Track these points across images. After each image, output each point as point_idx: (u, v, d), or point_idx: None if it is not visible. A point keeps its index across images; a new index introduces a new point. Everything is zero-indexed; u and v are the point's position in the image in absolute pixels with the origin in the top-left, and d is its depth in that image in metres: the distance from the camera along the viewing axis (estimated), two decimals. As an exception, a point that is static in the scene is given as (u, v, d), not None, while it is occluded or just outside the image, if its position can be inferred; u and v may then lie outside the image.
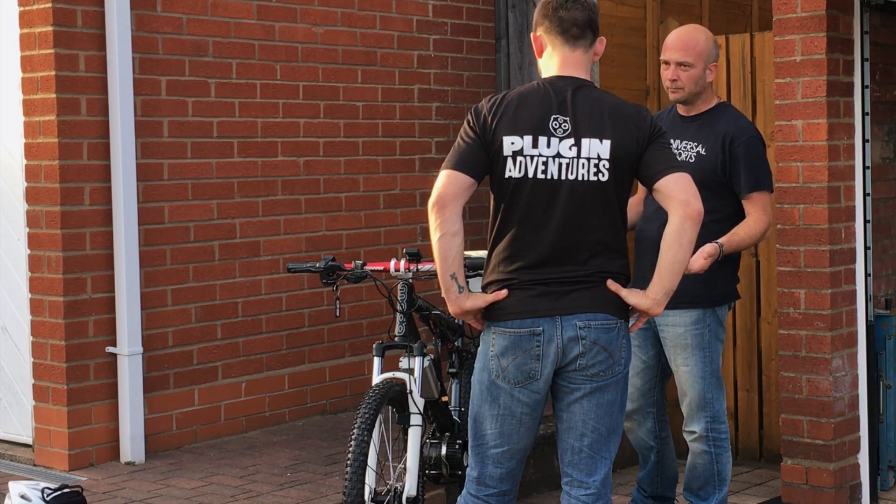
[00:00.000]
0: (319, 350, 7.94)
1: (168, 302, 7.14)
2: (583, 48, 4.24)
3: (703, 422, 5.37)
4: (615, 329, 4.13)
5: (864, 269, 6.11)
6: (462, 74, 8.66)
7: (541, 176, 4.10)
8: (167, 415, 7.13)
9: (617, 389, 4.18)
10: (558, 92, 4.17)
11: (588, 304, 4.10)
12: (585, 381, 4.14)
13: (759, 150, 5.34)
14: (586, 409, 4.16)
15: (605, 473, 4.23)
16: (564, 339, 4.10)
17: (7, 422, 7.14)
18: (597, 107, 4.16)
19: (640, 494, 5.74)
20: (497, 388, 4.17)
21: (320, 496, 6.17)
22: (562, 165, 4.09)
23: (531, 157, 4.10)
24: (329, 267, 5.42)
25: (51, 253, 6.72)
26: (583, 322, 4.09)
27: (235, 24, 7.45)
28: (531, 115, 4.13)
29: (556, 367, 4.14)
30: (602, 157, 4.10)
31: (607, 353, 4.11)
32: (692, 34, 5.42)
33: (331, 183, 7.94)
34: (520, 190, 4.12)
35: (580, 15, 4.21)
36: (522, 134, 4.11)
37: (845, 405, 6.05)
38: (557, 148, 4.10)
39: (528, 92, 4.21)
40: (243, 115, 7.50)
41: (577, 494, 4.21)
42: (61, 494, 5.71)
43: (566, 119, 4.12)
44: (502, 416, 4.19)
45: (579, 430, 4.18)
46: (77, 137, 6.73)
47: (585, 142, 4.10)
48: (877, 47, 6.23)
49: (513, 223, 4.15)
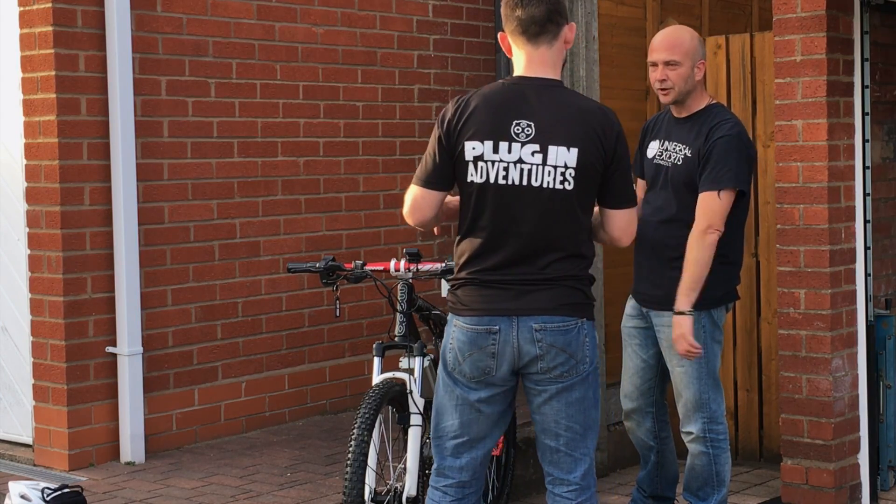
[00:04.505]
0: (319, 350, 7.94)
1: (168, 302, 7.14)
2: (546, 44, 4.15)
3: (699, 423, 5.36)
4: (574, 330, 4.12)
5: (864, 269, 6.11)
6: (462, 74, 8.66)
7: (502, 182, 4.08)
8: (167, 415, 7.13)
9: (584, 387, 4.17)
10: (523, 94, 4.12)
11: (545, 305, 4.10)
12: (551, 383, 4.15)
13: (730, 149, 5.16)
14: (556, 409, 4.17)
15: (586, 469, 4.24)
16: (520, 340, 4.11)
17: (7, 422, 7.14)
18: (564, 111, 4.10)
19: (640, 494, 5.73)
20: (454, 380, 4.21)
21: (320, 496, 6.17)
22: (524, 171, 4.07)
23: (492, 162, 4.08)
24: (329, 267, 5.42)
25: (51, 253, 6.72)
26: (539, 324, 4.09)
27: (235, 24, 7.45)
28: (493, 120, 4.09)
29: (514, 367, 4.15)
30: (569, 165, 4.07)
31: (567, 353, 4.11)
32: (677, 33, 5.41)
33: (331, 183, 7.94)
34: (482, 195, 4.12)
35: (537, 11, 4.11)
36: (483, 139, 4.09)
37: (845, 405, 6.05)
38: (519, 153, 4.08)
39: (492, 94, 4.15)
40: (243, 115, 7.50)
41: (560, 492, 4.25)
42: (61, 494, 5.72)
43: (530, 124, 4.08)
44: (461, 406, 4.22)
45: (553, 430, 4.20)
46: (77, 137, 6.73)
47: (552, 149, 4.07)
48: (877, 47, 6.23)
49: (475, 226, 4.15)
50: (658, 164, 5.42)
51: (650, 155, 5.48)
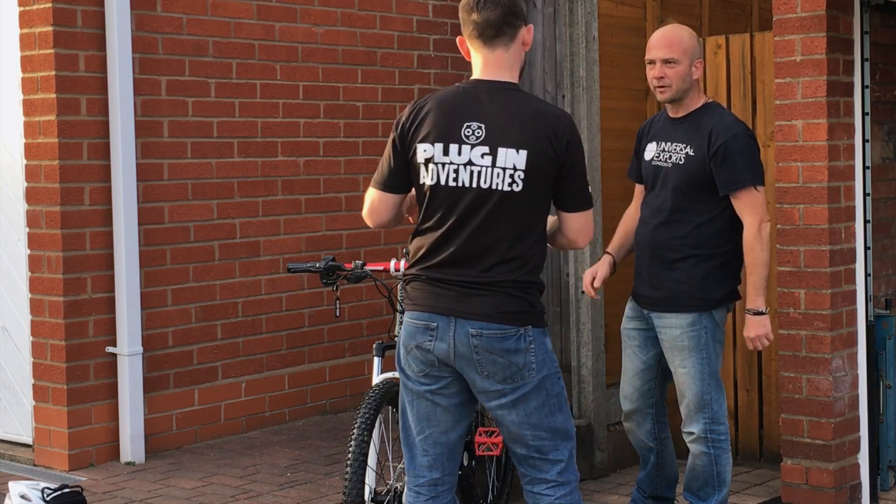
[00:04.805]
0: (319, 350, 7.94)
1: (168, 302, 7.14)
2: (502, 46, 4.16)
3: (701, 423, 5.36)
4: (512, 338, 4.11)
5: (864, 269, 6.11)
6: (462, 74, 8.65)
7: (452, 184, 4.11)
8: (167, 415, 7.13)
9: (541, 395, 4.17)
10: (475, 97, 4.14)
11: (484, 311, 4.10)
12: (499, 385, 4.14)
13: (742, 147, 5.24)
14: (518, 422, 4.18)
15: (563, 466, 4.24)
16: (456, 341, 4.12)
17: (7, 422, 7.14)
18: (516, 113, 4.11)
19: (640, 495, 5.73)
20: (406, 375, 4.25)
21: (320, 496, 6.17)
22: (473, 173, 4.09)
23: (442, 164, 4.11)
24: (329, 267, 5.42)
25: (51, 253, 6.72)
26: (476, 330, 4.10)
27: (235, 24, 7.45)
28: (443, 123, 4.12)
29: (455, 366, 4.15)
30: (518, 167, 4.07)
31: (506, 360, 4.11)
32: (675, 31, 5.42)
33: (331, 183, 7.94)
34: (434, 196, 4.15)
35: (492, 15, 4.12)
36: (434, 142, 4.12)
37: (845, 405, 6.05)
38: (469, 156, 4.09)
39: (445, 97, 4.18)
40: (243, 115, 7.50)
41: (538, 490, 4.26)
42: (61, 494, 5.72)
43: (480, 126, 4.10)
44: (417, 400, 4.24)
45: (519, 440, 4.22)
46: (77, 137, 6.73)
47: (502, 151, 4.08)
48: (877, 47, 6.23)
49: (427, 225, 4.18)
50: (657, 166, 5.42)
51: (648, 157, 5.49)
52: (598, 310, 6.75)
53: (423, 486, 4.30)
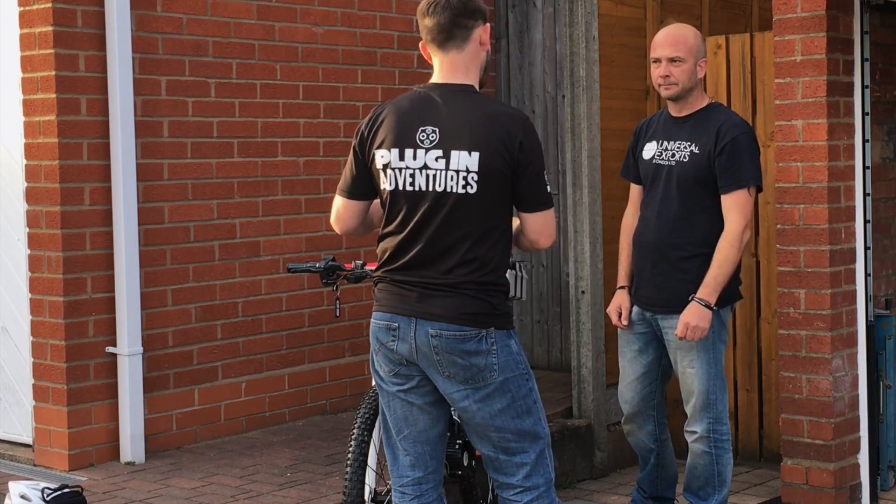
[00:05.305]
0: (319, 350, 7.94)
1: (168, 302, 7.14)
2: (455, 49, 4.20)
3: (705, 422, 5.36)
4: (473, 339, 4.12)
5: (864, 269, 6.11)
6: (462, 74, 8.64)
7: (409, 188, 4.14)
8: (167, 415, 7.13)
9: (506, 395, 4.18)
10: (431, 101, 4.17)
11: (444, 312, 4.12)
12: (460, 386, 4.16)
13: (750, 146, 5.29)
14: (483, 424, 4.20)
15: (528, 469, 4.23)
16: (417, 342, 4.14)
17: (7, 422, 7.14)
18: (469, 116, 4.12)
19: (640, 495, 5.74)
20: (379, 376, 4.29)
21: (320, 496, 6.17)
22: (429, 177, 4.12)
23: (399, 169, 4.15)
24: (329, 267, 5.42)
25: (51, 253, 6.72)
26: (435, 330, 4.12)
27: (235, 24, 7.45)
28: (399, 129, 4.15)
29: (419, 365, 4.17)
30: (470, 169, 4.09)
31: (466, 361, 4.12)
32: (681, 30, 5.44)
33: (331, 183, 7.94)
34: (394, 200, 4.18)
35: (441, 18, 4.16)
36: (390, 147, 4.16)
37: (845, 405, 6.05)
38: (424, 160, 4.13)
39: (401, 103, 4.22)
40: (243, 115, 7.50)
41: (507, 495, 4.28)
42: (61, 494, 5.71)
43: (435, 129, 4.13)
44: (393, 401, 4.28)
45: (485, 441, 4.24)
46: (77, 137, 6.73)
47: (455, 154, 4.10)
48: (877, 47, 6.23)
49: (389, 229, 4.22)
50: (658, 165, 5.43)
51: (647, 156, 5.49)
52: (598, 310, 6.75)
53: (406, 485, 4.32)
